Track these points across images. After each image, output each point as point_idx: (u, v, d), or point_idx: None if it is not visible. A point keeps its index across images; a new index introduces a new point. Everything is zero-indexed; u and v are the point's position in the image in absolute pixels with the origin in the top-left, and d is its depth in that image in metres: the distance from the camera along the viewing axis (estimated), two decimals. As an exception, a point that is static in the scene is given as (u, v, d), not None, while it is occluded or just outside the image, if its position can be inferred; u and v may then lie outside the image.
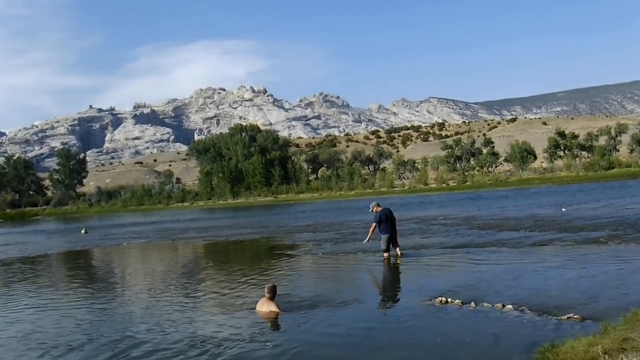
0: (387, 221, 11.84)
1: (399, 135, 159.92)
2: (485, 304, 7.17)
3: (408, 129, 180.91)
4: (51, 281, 13.00)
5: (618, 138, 66.22)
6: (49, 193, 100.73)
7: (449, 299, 7.52)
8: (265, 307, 7.56)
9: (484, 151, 70.35)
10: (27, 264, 16.80)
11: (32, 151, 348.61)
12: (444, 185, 57.41)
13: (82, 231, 30.23)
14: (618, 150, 64.79)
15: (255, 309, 7.73)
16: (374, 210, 12.22)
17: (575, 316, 6.30)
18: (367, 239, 12.26)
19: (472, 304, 7.25)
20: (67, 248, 21.56)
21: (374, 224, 11.99)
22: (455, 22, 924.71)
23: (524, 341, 5.60)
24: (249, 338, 6.44)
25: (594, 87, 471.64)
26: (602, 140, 65.77)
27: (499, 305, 7.04)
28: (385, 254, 11.88)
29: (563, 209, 20.97)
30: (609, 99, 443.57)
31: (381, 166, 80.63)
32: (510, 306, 6.95)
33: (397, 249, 12.16)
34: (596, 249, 11.19)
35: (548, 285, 8.18)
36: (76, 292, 10.89)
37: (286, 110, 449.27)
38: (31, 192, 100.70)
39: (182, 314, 7.96)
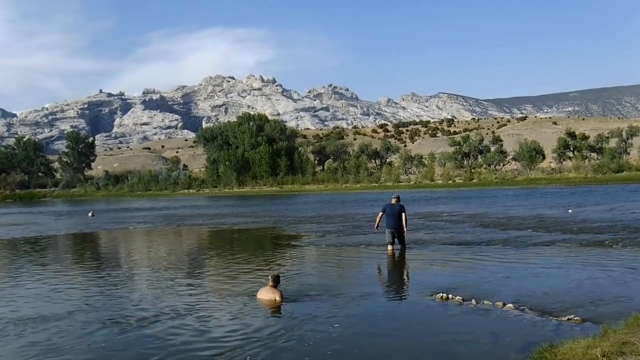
0: (391, 215, 12.06)
1: (407, 130, 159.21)
2: (485, 302, 7.19)
3: (416, 123, 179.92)
4: (57, 262, 13.17)
5: (629, 141, 65.48)
6: (58, 175, 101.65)
7: (450, 296, 7.54)
8: (270, 295, 7.65)
9: (492, 149, 69.95)
10: (35, 244, 17.02)
11: (41, 133, 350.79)
12: (450, 181, 57.22)
13: (90, 214, 30.55)
14: (629, 154, 64.11)
15: (256, 296, 7.83)
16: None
17: (575, 318, 6.30)
18: (375, 225, 12.62)
19: (473, 301, 7.27)
20: (75, 230, 21.81)
21: (379, 214, 12.40)
22: (469, 19, 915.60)
23: (522, 340, 5.62)
24: (251, 325, 6.53)
25: (607, 87, 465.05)
26: (613, 143, 65.06)
27: (500, 303, 7.06)
28: (389, 247, 12.05)
29: (569, 210, 20.86)
30: (622, 100, 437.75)
31: (388, 160, 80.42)
32: (510, 305, 6.96)
33: (401, 245, 12.29)
34: (600, 252, 11.15)
35: (550, 285, 8.17)
36: (80, 274, 11.04)
37: (295, 100, 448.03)
38: (40, 174, 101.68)
39: (182, 298, 8.05)
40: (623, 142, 65.10)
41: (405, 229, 12.26)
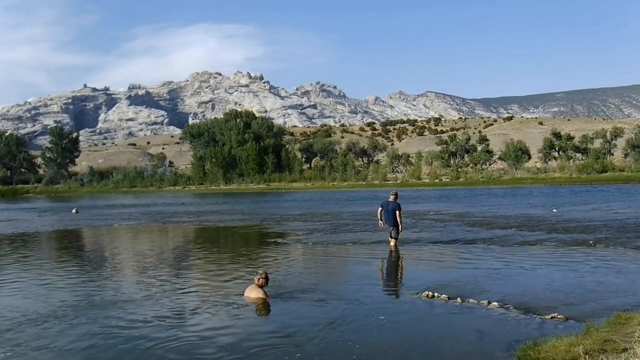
0: (386, 212, 12.40)
1: (395, 129, 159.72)
2: (471, 300, 7.23)
3: (404, 122, 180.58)
4: (39, 259, 12.92)
5: (613, 142, 66.61)
6: (41, 171, 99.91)
7: (436, 294, 7.57)
8: (254, 293, 7.61)
9: (479, 148, 70.63)
10: (17, 241, 16.68)
11: (24, 128, 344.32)
12: (437, 180, 57.60)
13: (73, 211, 30.10)
14: (612, 154, 65.27)
15: (243, 294, 7.77)
16: None
17: (559, 316, 6.37)
18: (379, 222, 12.86)
19: (458, 299, 7.31)
20: (58, 227, 21.45)
21: (379, 209, 12.69)
22: (458, 20, 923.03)
23: (507, 338, 5.66)
24: (234, 324, 6.47)
25: (592, 89, 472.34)
26: (597, 143, 66.15)
27: (485, 302, 7.11)
28: (389, 239, 12.49)
29: (554, 210, 21.14)
30: (607, 101, 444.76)
31: (375, 159, 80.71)
32: (495, 303, 7.01)
33: (392, 241, 12.38)
34: (584, 251, 11.30)
35: (534, 284, 8.26)
36: (61, 272, 10.84)
37: (282, 98, 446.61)
38: (23, 170, 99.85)
39: (170, 298, 7.96)
40: (607, 143, 66.20)
41: (400, 227, 12.34)
